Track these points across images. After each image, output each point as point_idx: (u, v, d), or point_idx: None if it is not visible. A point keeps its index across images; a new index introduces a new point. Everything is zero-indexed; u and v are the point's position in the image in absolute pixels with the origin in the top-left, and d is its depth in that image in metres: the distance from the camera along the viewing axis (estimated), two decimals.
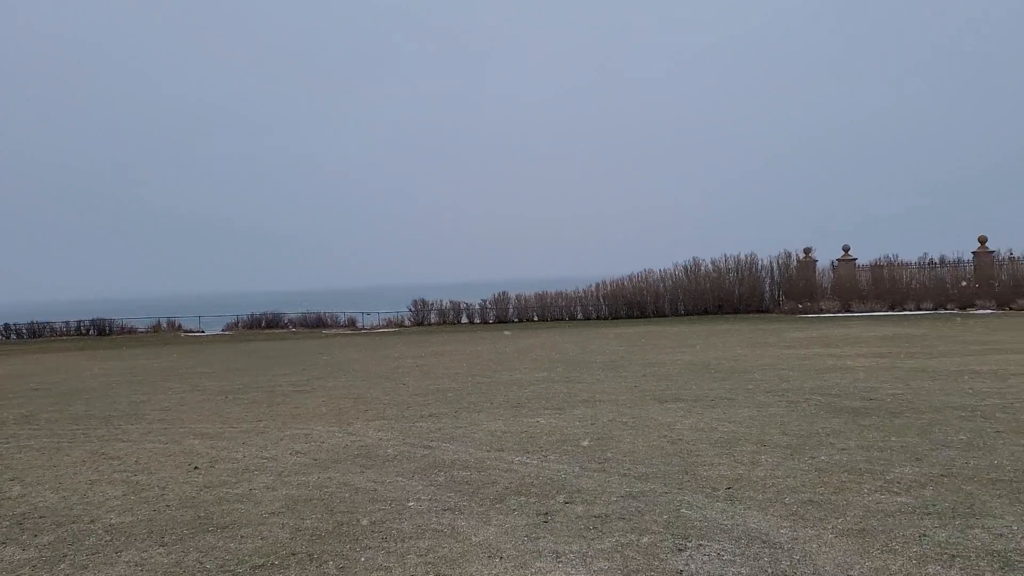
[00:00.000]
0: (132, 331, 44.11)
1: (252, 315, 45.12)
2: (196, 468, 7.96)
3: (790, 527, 5.30)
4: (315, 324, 44.25)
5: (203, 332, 44.01)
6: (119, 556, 5.36)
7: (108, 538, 5.76)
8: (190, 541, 5.60)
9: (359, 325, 44.36)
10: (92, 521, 6.23)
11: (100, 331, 43.37)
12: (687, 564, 4.72)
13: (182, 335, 42.01)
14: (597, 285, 42.73)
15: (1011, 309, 32.13)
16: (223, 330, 44.60)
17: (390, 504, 6.32)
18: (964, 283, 33.92)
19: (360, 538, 5.50)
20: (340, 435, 9.48)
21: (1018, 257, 35.22)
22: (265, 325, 44.36)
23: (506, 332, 31.90)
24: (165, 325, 44.74)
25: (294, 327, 44.00)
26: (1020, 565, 4.47)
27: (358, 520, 5.91)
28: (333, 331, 41.51)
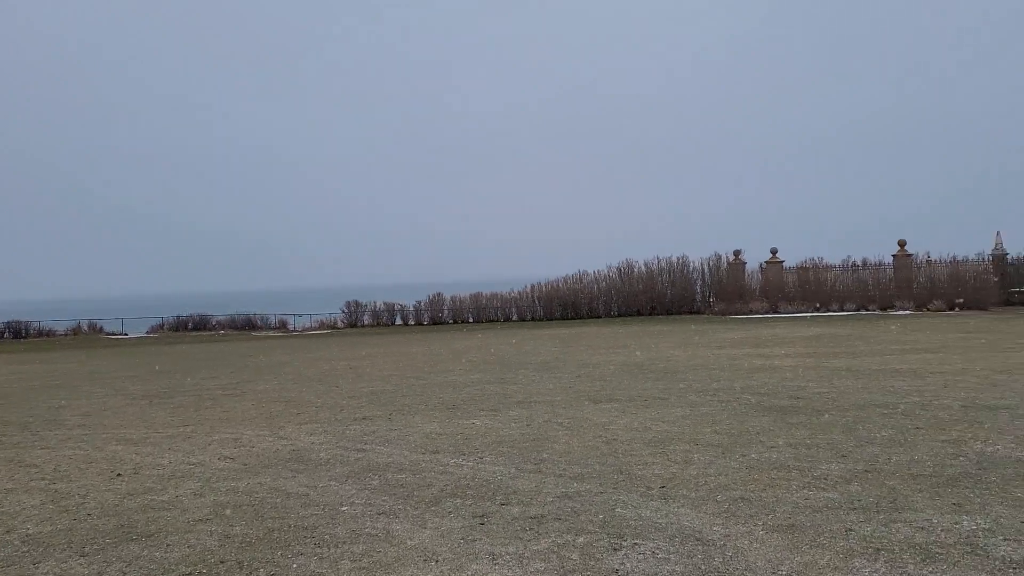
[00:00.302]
0: (50, 333, 42.42)
1: (178, 317, 43.90)
2: (119, 475, 7.67)
3: (722, 524, 5.39)
4: (244, 326, 43.31)
5: (126, 335, 42.63)
6: (37, 568, 5.12)
7: (25, 549, 5.50)
8: (112, 551, 5.38)
9: (290, 327, 43.58)
10: (8, 531, 5.94)
11: (16, 334, 41.55)
12: (623, 563, 4.75)
13: (104, 338, 40.59)
14: (532, 287, 42.91)
15: (928, 310, 33.45)
16: (147, 333, 43.27)
17: (323, 509, 6.20)
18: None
19: (292, 544, 5.38)
20: (271, 439, 9.27)
21: (935, 260, 36.69)
22: (192, 327, 43.22)
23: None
24: (86, 327, 43.16)
25: (222, 329, 42.97)
26: (941, 557, 4.63)
27: (290, 526, 5.78)
28: (263, 333, 40.68)
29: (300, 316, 44.97)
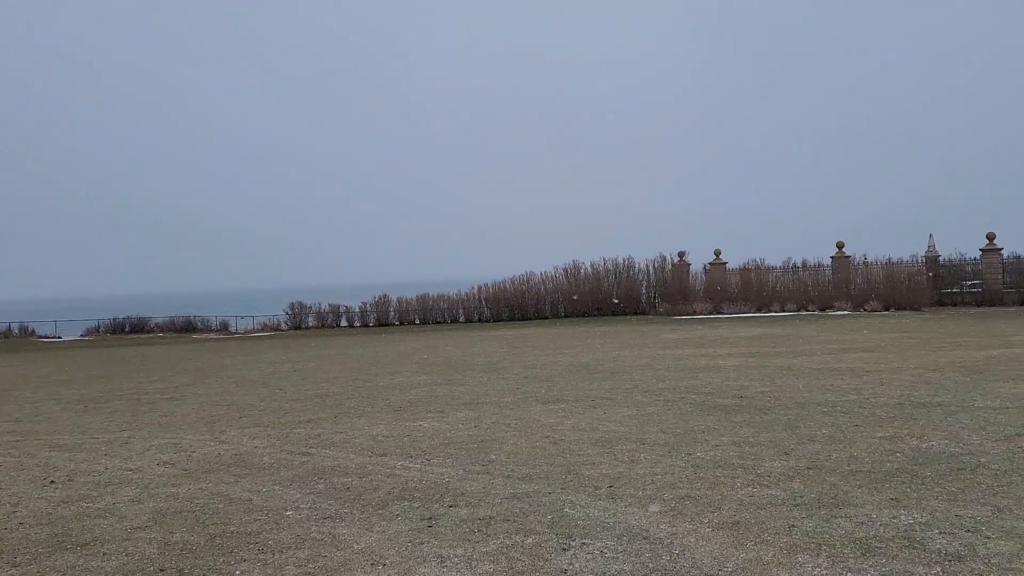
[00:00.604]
0: None
1: (115, 319, 42.72)
2: (52, 482, 7.41)
3: (669, 522, 5.43)
4: (184, 328, 42.35)
5: (60, 338, 41.30)
6: None
7: None
8: (46, 560, 5.19)
9: (232, 329, 42.76)
10: None
11: None
12: (571, 563, 4.75)
13: (35, 341, 39.26)
14: (479, 288, 42.85)
15: (865, 310, 34.38)
16: (82, 335, 42.00)
17: (266, 514, 6.07)
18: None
19: (235, 550, 5.25)
20: (212, 444, 9.07)
21: (871, 262, 37.74)
22: (129, 330, 42.09)
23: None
24: (16, 330, 41.68)
25: (161, 332, 41.95)
26: (880, 551, 4.74)
27: (232, 532, 5.65)
28: (203, 335, 39.84)
29: (243, 318, 44.17)
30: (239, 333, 41.11)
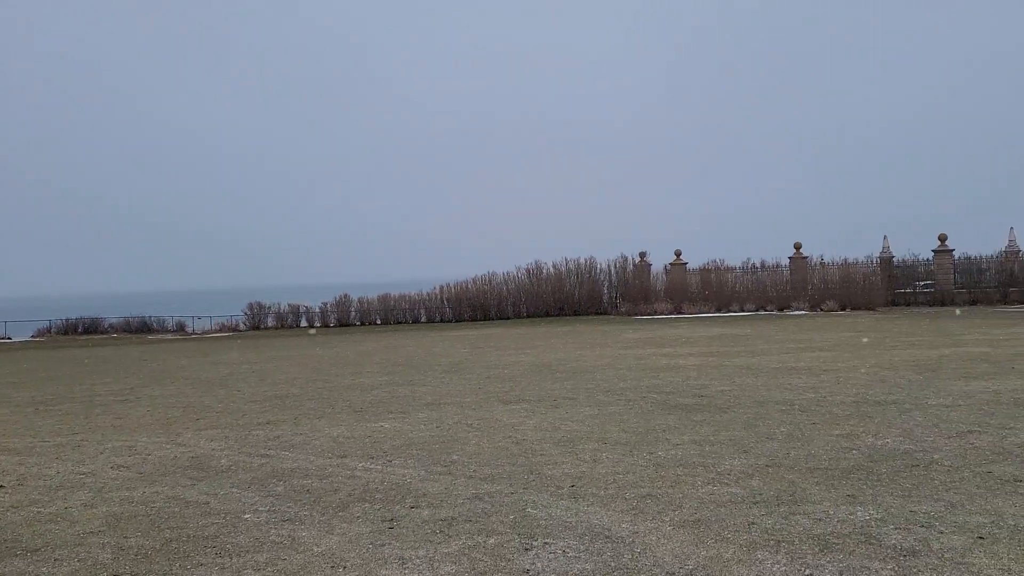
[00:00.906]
0: None
1: (67, 320, 41.78)
2: (2, 487, 7.20)
3: (631, 521, 5.45)
4: (139, 329, 41.59)
5: (9, 339, 40.25)
6: None
7: None
8: None
9: (189, 330, 42.08)
10: None
11: None
12: (533, 563, 4.74)
13: None
14: (441, 288, 42.72)
15: (821, 310, 34.96)
16: (32, 336, 40.99)
17: (224, 517, 5.97)
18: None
19: (191, 555, 5.15)
20: (168, 446, 8.90)
21: (828, 262, 38.39)
22: (82, 331, 41.21)
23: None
24: None
25: (115, 333, 41.12)
26: (837, 547, 4.80)
27: (189, 536, 5.54)
28: (159, 336, 39.14)
29: (200, 318, 43.50)
30: (196, 334, 40.46)
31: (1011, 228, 37.37)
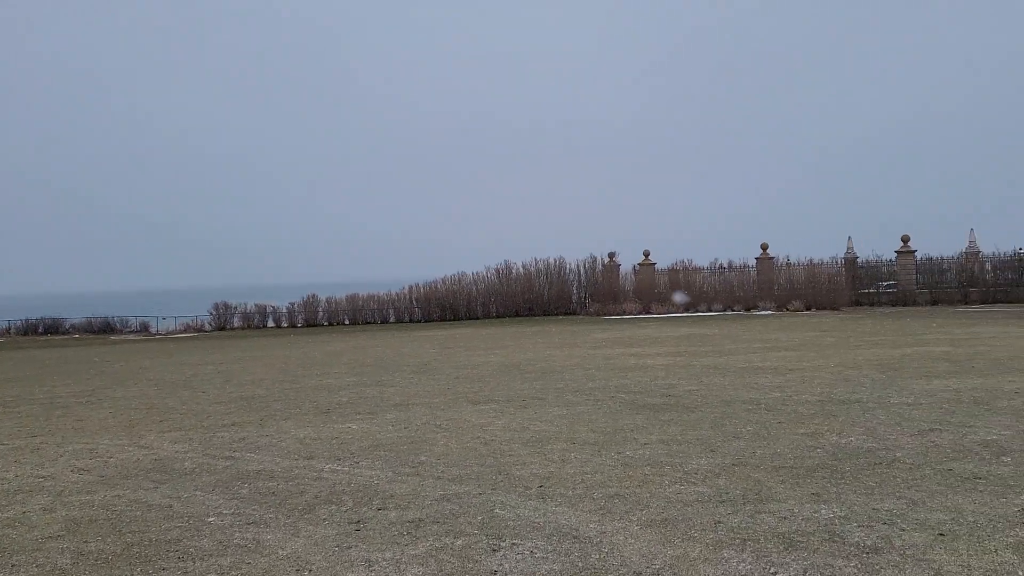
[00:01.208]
0: None
1: (27, 320, 40.95)
2: None
3: (598, 521, 5.46)
4: (102, 329, 40.89)
5: None
6: None
7: None
8: None
9: (153, 330, 41.47)
10: None
11: None
12: (501, 564, 4.73)
13: None
14: (410, 288, 42.53)
15: (787, 310, 35.37)
16: None
17: (187, 520, 5.88)
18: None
19: (153, 559, 5.06)
20: (130, 449, 8.75)
21: (794, 263, 38.86)
22: (43, 331, 40.44)
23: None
24: None
25: (77, 333, 40.39)
26: (802, 545, 4.85)
27: (151, 540, 5.44)
28: (123, 337, 38.51)
29: (164, 319, 42.90)
30: (161, 334, 39.89)
31: (971, 229, 38.11)
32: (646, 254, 41.48)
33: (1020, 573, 4.31)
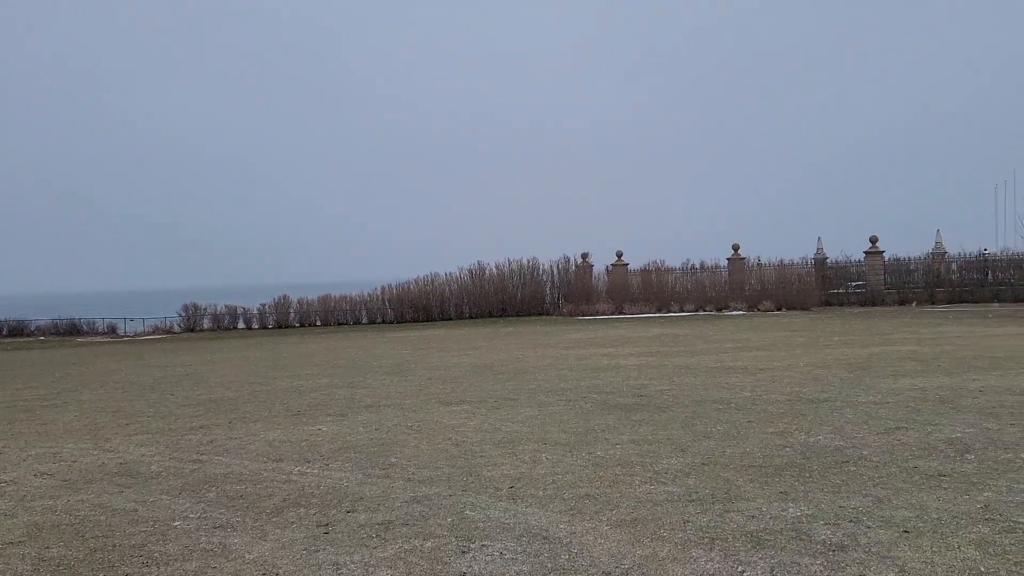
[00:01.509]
0: None
1: None
2: None
3: (568, 522, 5.46)
4: (68, 331, 40.22)
5: None
6: None
7: None
8: None
9: (121, 332, 40.87)
10: None
11: None
12: (470, 566, 4.71)
13: None
14: (383, 288, 42.27)
15: (759, 310, 35.69)
16: None
17: (153, 525, 5.79)
18: None
19: (117, 564, 4.98)
20: (95, 452, 8.61)
21: (764, 263, 39.21)
22: (7, 333, 39.67)
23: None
24: None
25: (42, 335, 39.70)
26: (769, 543, 4.89)
27: (115, 545, 5.35)
28: (89, 339, 37.93)
29: (132, 320, 42.31)
30: (128, 336, 39.34)
31: (938, 230, 38.69)
32: (619, 255, 41.66)
33: (982, 569, 4.37)
